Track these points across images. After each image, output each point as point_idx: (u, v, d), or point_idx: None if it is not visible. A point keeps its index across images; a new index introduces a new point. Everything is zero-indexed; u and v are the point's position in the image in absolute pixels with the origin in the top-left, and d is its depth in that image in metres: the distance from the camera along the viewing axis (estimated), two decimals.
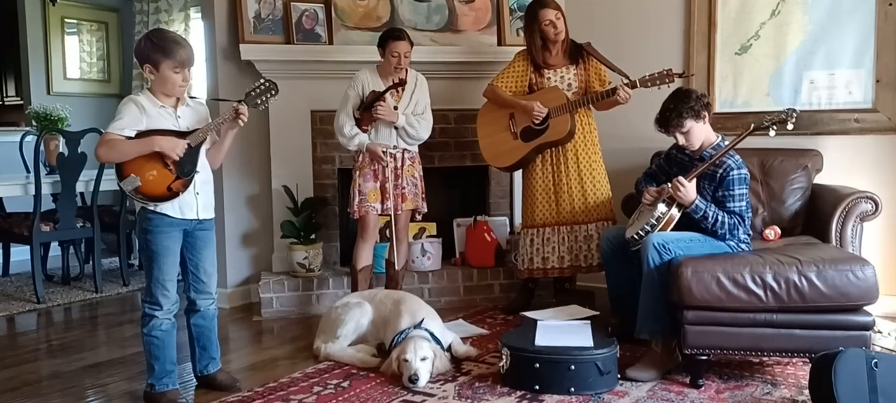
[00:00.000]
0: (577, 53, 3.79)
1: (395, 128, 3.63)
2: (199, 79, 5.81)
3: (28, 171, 5.09)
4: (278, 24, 4.21)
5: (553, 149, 3.78)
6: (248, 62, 4.11)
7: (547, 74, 3.79)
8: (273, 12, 4.20)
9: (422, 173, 3.78)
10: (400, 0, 4.31)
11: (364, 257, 3.73)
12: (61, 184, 4.51)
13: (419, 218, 3.85)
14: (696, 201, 2.93)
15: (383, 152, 3.59)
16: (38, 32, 6.06)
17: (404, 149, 3.68)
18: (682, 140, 3.03)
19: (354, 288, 3.72)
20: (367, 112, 3.57)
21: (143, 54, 2.62)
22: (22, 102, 6.24)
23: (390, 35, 3.61)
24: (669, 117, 3.00)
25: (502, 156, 3.86)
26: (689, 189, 2.92)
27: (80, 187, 4.71)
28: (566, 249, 3.81)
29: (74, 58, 6.31)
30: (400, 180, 3.67)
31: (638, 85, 3.50)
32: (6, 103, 6.92)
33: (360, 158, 3.66)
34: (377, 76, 3.65)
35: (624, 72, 3.58)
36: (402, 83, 3.62)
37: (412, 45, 3.62)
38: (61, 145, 4.69)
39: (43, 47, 6.08)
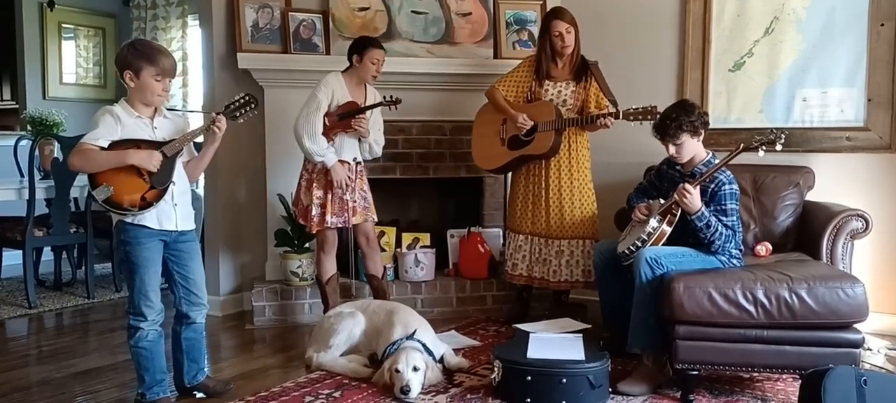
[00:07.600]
0: (583, 72, 3.81)
1: (359, 140, 3.64)
2: (195, 87, 5.83)
3: (22, 176, 5.09)
4: (276, 33, 4.22)
5: (537, 162, 3.82)
6: (246, 71, 4.12)
7: (546, 85, 3.82)
8: (271, 22, 4.22)
9: (368, 185, 3.75)
10: (397, 12, 4.34)
11: (330, 268, 3.73)
12: (55, 189, 4.51)
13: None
14: (702, 209, 2.93)
15: (348, 176, 3.58)
16: (35, 37, 6.06)
17: (358, 162, 3.69)
18: (672, 151, 3.04)
19: (325, 301, 3.72)
20: (343, 120, 3.55)
21: (125, 60, 2.60)
22: (17, 106, 6.22)
23: (371, 42, 3.61)
24: (668, 126, 3.01)
25: (487, 159, 3.97)
26: (695, 195, 2.92)
27: (74, 192, 4.71)
28: (535, 260, 3.88)
29: (71, 63, 6.31)
30: (354, 193, 3.64)
31: (620, 116, 3.57)
32: (1, 107, 6.89)
33: (313, 168, 3.61)
34: (343, 84, 3.61)
35: (614, 100, 3.66)
36: (399, 101, 3.63)
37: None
38: (56, 150, 4.70)
39: (39, 51, 6.08)
